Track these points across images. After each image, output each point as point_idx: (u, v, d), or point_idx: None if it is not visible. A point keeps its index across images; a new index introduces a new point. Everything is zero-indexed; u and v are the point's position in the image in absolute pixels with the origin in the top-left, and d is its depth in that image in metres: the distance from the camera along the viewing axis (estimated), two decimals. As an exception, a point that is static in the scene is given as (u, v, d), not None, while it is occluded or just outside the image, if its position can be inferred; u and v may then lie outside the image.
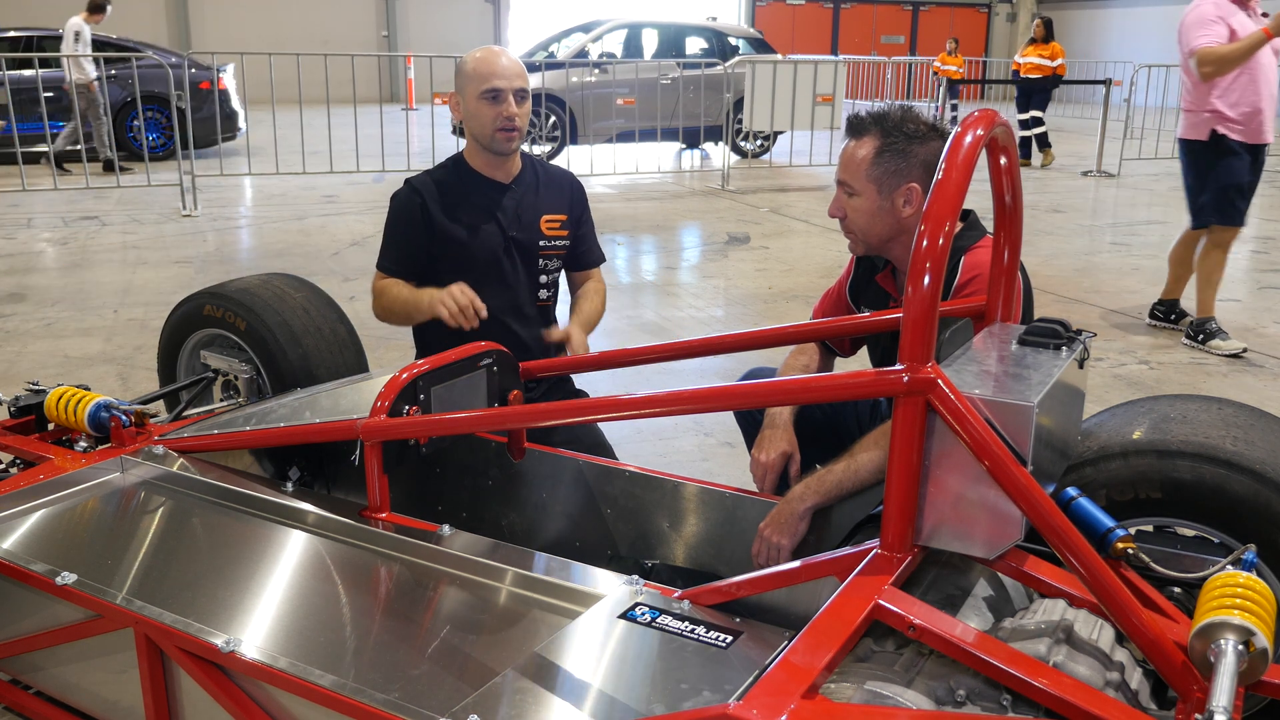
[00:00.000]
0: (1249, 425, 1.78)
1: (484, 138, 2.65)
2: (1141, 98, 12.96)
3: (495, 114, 2.60)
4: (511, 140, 2.64)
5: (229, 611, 1.74)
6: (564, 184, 2.85)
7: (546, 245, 2.77)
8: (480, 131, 2.64)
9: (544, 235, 2.76)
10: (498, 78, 2.59)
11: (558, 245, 2.79)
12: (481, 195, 2.70)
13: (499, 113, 2.60)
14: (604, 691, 1.40)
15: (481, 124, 2.62)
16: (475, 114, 2.62)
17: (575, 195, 2.85)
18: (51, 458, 2.29)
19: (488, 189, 2.71)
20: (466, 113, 2.65)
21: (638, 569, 2.21)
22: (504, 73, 2.60)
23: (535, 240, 2.74)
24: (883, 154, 2.09)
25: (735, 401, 2.11)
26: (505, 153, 2.68)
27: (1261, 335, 5.23)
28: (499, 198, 2.71)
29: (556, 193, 2.80)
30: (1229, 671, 1.26)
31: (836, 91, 10.85)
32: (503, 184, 2.73)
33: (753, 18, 24.34)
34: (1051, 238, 7.77)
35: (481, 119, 2.62)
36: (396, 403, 2.01)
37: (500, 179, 2.72)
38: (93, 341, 4.86)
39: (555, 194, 2.80)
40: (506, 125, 2.61)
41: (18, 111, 9.62)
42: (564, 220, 2.80)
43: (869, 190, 2.10)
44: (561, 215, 2.79)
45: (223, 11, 20.72)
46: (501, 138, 2.62)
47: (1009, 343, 1.73)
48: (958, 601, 1.53)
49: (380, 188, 9.52)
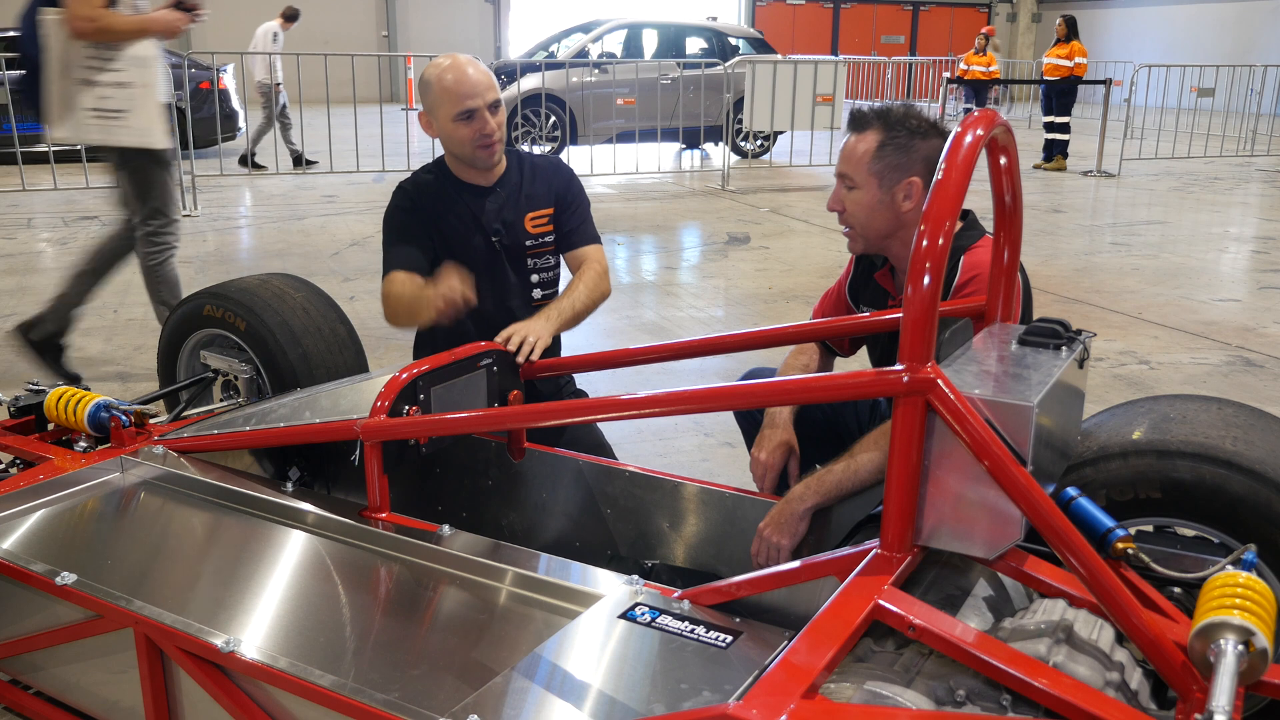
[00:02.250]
0: (1249, 425, 1.77)
1: (464, 155, 2.61)
2: (1141, 98, 12.99)
3: (472, 132, 2.55)
4: (493, 152, 2.60)
5: (229, 611, 1.74)
6: (549, 174, 2.77)
7: (534, 244, 2.72)
8: (460, 150, 2.60)
9: (530, 235, 2.71)
10: (469, 98, 2.53)
11: (546, 242, 2.75)
12: (464, 203, 2.66)
13: (476, 130, 2.55)
14: (604, 691, 1.40)
15: (459, 143, 2.58)
16: (451, 135, 2.58)
17: (559, 182, 2.77)
18: (51, 458, 2.29)
19: (470, 195, 2.67)
20: (441, 132, 2.60)
21: (638, 569, 2.21)
22: (474, 90, 2.53)
23: (522, 241, 2.70)
24: (885, 148, 2.08)
25: (735, 401, 2.11)
26: (487, 166, 2.64)
27: (1262, 335, 5.23)
28: (482, 203, 2.67)
29: (542, 187, 2.74)
30: (1229, 671, 1.26)
31: (836, 91, 10.84)
32: (485, 188, 2.68)
33: (753, 18, 24.33)
34: (1051, 238, 7.77)
35: (459, 139, 2.57)
36: (396, 403, 2.01)
37: (482, 183, 2.68)
38: (93, 341, 4.86)
39: (540, 189, 2.74)
40: (485, 142, 2.57)
41: (18, 111, 9.62)
42: (550, 214, 2.74)
43: (870, 184, 2.10)
44: (547, 210, 2.73)
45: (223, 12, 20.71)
46: (483, 154, 2.59)
47: (1009, 343, 1.73)
48: (958, 601, 1.53)
49: (380, 188, 9.52)
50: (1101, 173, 11.31)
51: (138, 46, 3.93)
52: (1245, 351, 4.93)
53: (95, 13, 3.77)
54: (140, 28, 3.92)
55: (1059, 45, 11.89)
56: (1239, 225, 8.48)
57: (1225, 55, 17.40)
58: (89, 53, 3.86)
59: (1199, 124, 13.32)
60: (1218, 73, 13.00)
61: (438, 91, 2.55)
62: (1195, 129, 12.96)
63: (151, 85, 3.97)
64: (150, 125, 3.98)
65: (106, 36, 3.85)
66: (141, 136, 3.98)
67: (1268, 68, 13.17)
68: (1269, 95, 13.68)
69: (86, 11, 3.76)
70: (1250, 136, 13.17)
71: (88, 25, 3.78)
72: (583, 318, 2.65)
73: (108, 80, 3.89)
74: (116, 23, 3.84)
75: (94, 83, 3.89)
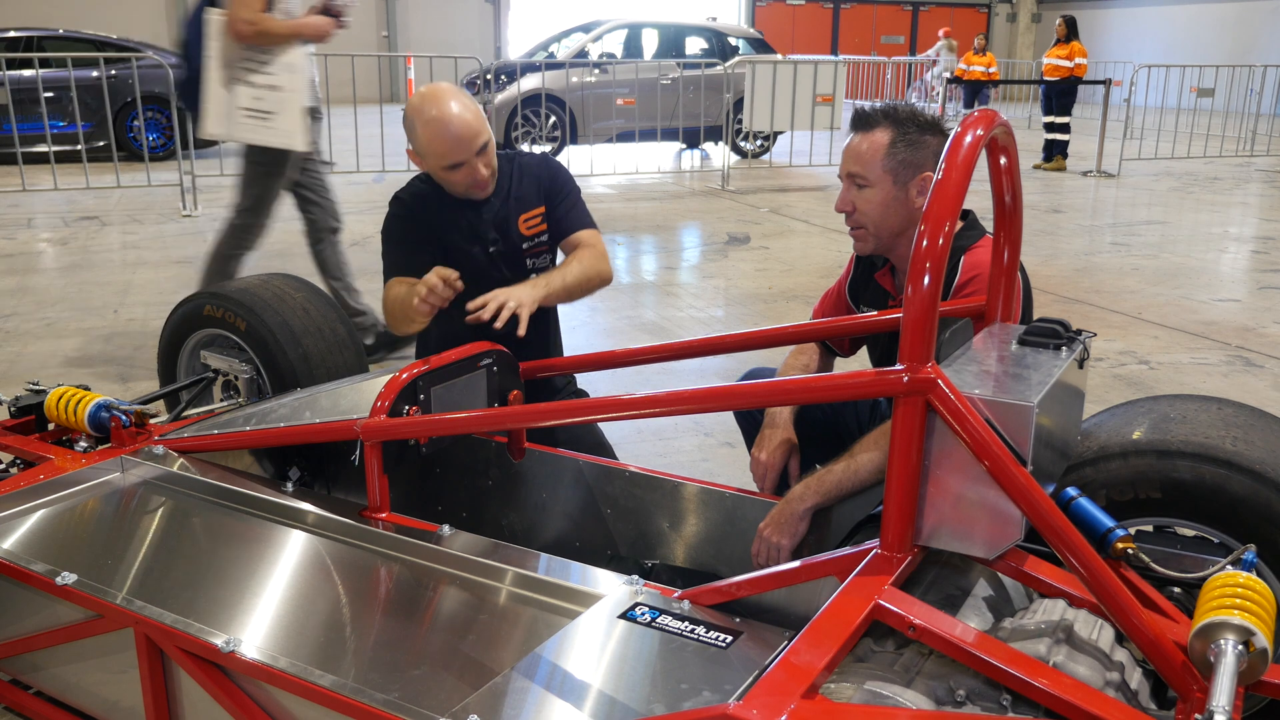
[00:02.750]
0: (1249, 425, 1.77)
1: (457, 194, 2.59)
2: (1141, 98, 12.98)
3: (464, 177, 2.52)
4: (486, 188, 2.58)
5: (229, 611, 1.74)
6: (535, 171, 2.74)
7: (531, 245, 2.71)
8: (453, 190, 2.58)
9: (525, 236, 2.70)
10: (455, 154, 2.46)
11: (542, 241, 2.73)
12: (459, 216, 2.64)
13: (466, 176, 2.52)
14: (604, 691, 1.40)
15: (452, 185, 2.56)
16: (443, 179, 2.56)
17: (545, 176, 2.73)
18: (52, 458, 2.29)
19: (464, 209, 2.65)
20: (432, 173, 2.57)
21: (638, 569, 2.21)
22: (460, 143, 2.45)
23: (519, 244, 2.69)
24: (897, 144, 2.07)
25: (735, 401, 2.11)
26: (483, 198, 2.62)
27: (1261, 335, 5.23)
28: (475, 217, 2.65)
29: (530, 186, 2.71)
30: (1229, 671, 1.26)
31: (836, 92, 10.84)
32: (479, 201, 2.65)
33: (753, 18, 24.33)
34: (1051, 238, 7.77)
35: (450, 182, 2.55)
36: (396, 403, 2.01)
37: (476, 196, 2.65)
38: (93, 341, 4.86)
39: (529, 189, 2.71)
40: (477, 183, 2.54)
41: (18, 111, 9.62)
42: (542, 213, 2.72)
43: (884, 181, 2.09)
44: (539, 209, 2.71)
45: (222, 11, 20.68)
46: (476, 191, 2.57)
47: (1009, 343, 1.73)
48: (958, 601, 1.53)
49: (380, 188, 9.52)
50: (1101, 173, 11.31)
51: (289, 52, 4.07)
52: (1245, 351, 4.93)
53: (256, 16, 3.93)
54: (294, 32, 4.06)
55: (1059, 45, 11.87)
56: (1239, 225, 8.48)
57: (1225, 55, 17.39)
58: (246, 54, 4.02)
59: (1199, 124, 13.32)
60: (1217, 73, 13.00)
61: (424, 142, 2.49)
62: (1195, 129, 12.96)
63: (298, 90, 4.11)
64: (294, 128, 4.14)
65: (265, 40, 4.00)
66: (285, 138, 4.15)
67: (1268, 68, 13.17)
68: (1269, 95, 13.68)
69: (248, 15, 3.92)
70: (1250, 136, 13.17)
71: (248, 28, 3.94)
72: (575, 294, 2.57)
73: (261, 82, 4.05)
74: (274, 26, 3.99)
75: (249, 83, 4.05)
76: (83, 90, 9.87)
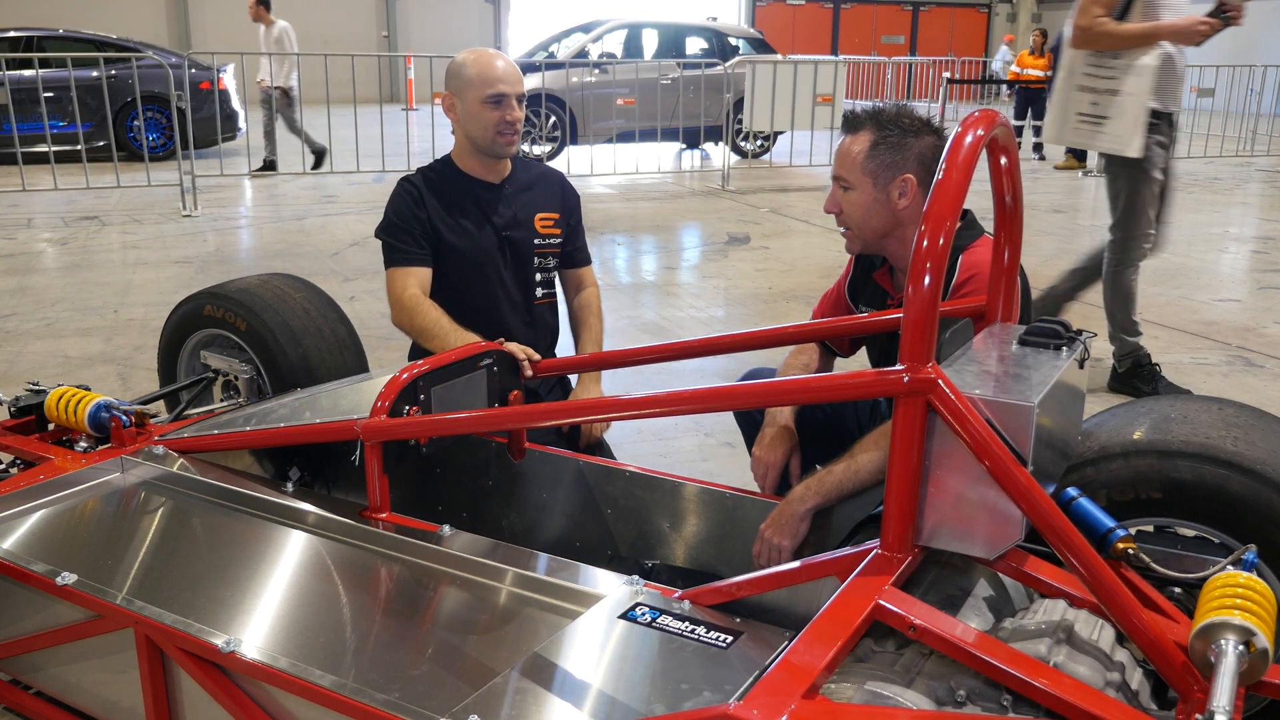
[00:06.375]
0: (1249, 425, 1.77)
1: (484, 140, 2.65)
2: (1141, 98, 12.92)
3: (498, 118, 2.62)
4: (511, 143, 2.67)
5: (229, 611, 1.74)
6: (554, 182, 2.86)
7: (541, 244, 2.77)
8: (480, 134, 2.65)
9: (538, 234, 2.76)
10: (502, 83, 2.62)
11: (552, 244, 2.79)
12: (474, 196, 2.71)
13: (501, 116, 2.62)
14: (604, 692, 1.40)
15: (483, 126, 2.63)
16: (476, 116, 2.63)
17: (566, 193, 2.86)
18: (52, 458, 2.29)
19: (480, 190, 2.72)
20: (465, 114, 2.65)
21: (638, 569, 2.21)
22: (507, 78, 2.62)
23: (530, 239, 2.75)
24: (878, 147, 2.10)
25: (735, 401, 2.11)
26: (503, 155, 2.70)
27: (1261, 335, 5.23)
28: (492, 198, 2.72)
29: (548, 191, 2.82)
30: (1229, 672, 1.26)
31: (836, 92, 10.85)
32: (494, 184, 2.74)
33: (753, 18, 24.35)
34: (1051, 238, 7.77)
35: (483, 122, 2.62)
36: (396, 403, 2.01)
37: (491, 180, 2.74)
38: (93, 341, 4.86)
39: (547, 192, 2.81)
40: (507, 129, 2.63)
41: (18, 111, 9.62)
42: (556, 219, 2.80)
43: (864, 183, 2.12)
44: (554, 214, 2.80)
45: (223, 11, 20.70)
46: (502, 141, 2.65)
47: (1009, 343, 1.73)
48: (958, 602, 1.53)
49: (380, 188, 9.52)
50: (1102, 173, 11.29)
51: (1140, 55, 3.94)
52: (1245, 351, 4.93)
53: (1090, 22, 3.90)
54: (1144, 35, 3.92)
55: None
56: (1239, 225, 8.48)
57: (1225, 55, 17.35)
58: (1091, 60, 4.01)
59: (1199, 124, 13.31)
60: (1218, 73, 12.99)
61: (471, 74, 2.63)
62: (1195, 129, 12.95)
63: (1140, 94, 3.96)
64: (1127, 134, 3.99)
65: (1101, 44, 3.95)
66: (1116, 143, 4.03)
67: (1268, 68, 13.16)
68: (1269, 95, 13.66)
69: (1083, 21, 3.92)
70: (1250, 136, 13.17)
71: (1080, 34, 3.96)
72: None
73: (1101, 87, 4.01)
74: (1113, 30, 3.91)
75: (1089, 89, 4.03)
76: (83, 90, 9.87)
